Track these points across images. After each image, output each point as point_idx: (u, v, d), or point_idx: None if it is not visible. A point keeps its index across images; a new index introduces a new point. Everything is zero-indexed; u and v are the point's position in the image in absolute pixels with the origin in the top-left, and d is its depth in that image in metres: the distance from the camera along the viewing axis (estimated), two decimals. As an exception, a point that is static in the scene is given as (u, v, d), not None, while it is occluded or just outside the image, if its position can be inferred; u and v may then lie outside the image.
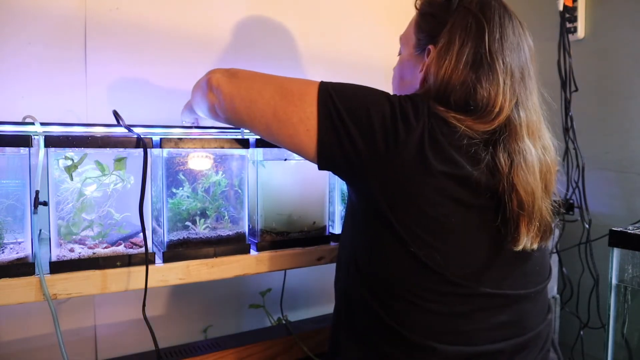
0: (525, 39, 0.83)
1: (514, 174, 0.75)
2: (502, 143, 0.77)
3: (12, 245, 0.85)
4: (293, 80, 0.82)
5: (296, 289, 1.53)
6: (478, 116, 0.77)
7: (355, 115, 0.75)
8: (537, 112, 0.83)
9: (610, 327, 1.20)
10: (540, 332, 0.84)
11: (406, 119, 0.75)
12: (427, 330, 0.76)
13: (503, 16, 0.81)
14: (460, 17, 0.81)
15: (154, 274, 0.90)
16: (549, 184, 0.82)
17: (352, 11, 1.66)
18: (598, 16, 1.53)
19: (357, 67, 1.64)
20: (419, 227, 0.74)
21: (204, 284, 1.37)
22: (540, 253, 0.84)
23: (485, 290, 0.76)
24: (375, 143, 0.74)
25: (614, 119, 1.51)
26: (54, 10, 1.18)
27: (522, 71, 0.81)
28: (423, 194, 0.74)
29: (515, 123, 0.78)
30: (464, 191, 0.75)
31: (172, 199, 0.97)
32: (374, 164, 0.75)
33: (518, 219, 0.76)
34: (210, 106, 0.91)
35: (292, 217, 1.10)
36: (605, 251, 1.21)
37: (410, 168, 0.74)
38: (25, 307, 0.89)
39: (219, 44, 1.40)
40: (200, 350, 1.20)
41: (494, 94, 0.77)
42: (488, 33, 0.79)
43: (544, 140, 0.83)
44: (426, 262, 0.74)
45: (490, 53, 0.78)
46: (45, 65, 1.18)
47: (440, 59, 0.81)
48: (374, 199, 0.77)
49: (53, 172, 0.85)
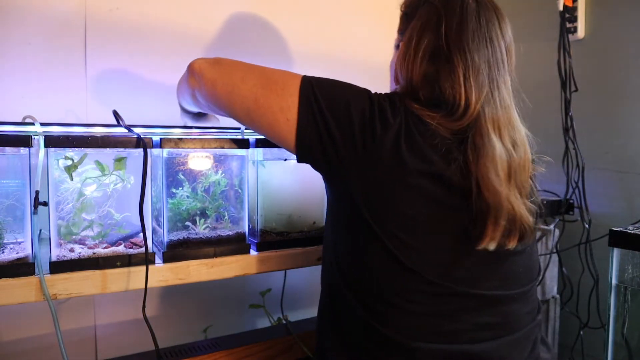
0: (500, 32, 0.81)
1: (478, 170, 0.74)
2: (469, 139, 0.76)
3: (12, 245, 0.85)
4: (276, 70, 0.83)
5: (296, 289, 1.52)
6: (447, 113, 0.77)
7: (335, 109, 0.76)
8: (507, 107, 0.80)
9: (610, 327, 1.20)
10: (527, 334, 0.82)
11: (384, 116, 0.75)
12: (409, 330, 0.75)
13: (467, 9, 0.79)
14: (424, 12, 0.81)
15: (154, 274, 0.90)
16: (522, 182, 0.79)
17: (349, 10, 1.66)
18: (598, 16, 1.53)
19: (355, 66, 1.64)
20: (394, 225, 0.74)
21: (204, 284, 1.36)
22: (524, 254, 0.82)
23: (462, 290, 0.75)
24: (353, 138, 0.75)
25: (614, 119, 1.51)
26: (54, 10, 1.18)
27: (490, 65, 0.78)
28: (398, 191, 0.74)
29: (480, 118, 0.76)
30: (438, 190, 0.74)
31: (172, 199, 0.97)
32: (351, 159, 0.75)
33: (484, 217, 0.74)
34: (191, 92, 0.91)
35: (292, 217, 1.10)
36: (605, 251, 1.21)
37: (386, 165, 0.74)
38: (25, 307, 0.89)
39: (219, 44, 1.40)
40: (200, 350, 1.20)
41: (458, 88, 0.76)
42: (446, 25, 0.78)
43: (515, 137, 0.80)
44: (403, 261, 0.74)
45: (448, 45, 0.77)
46: (45, 65, 1.18)
47: (402, 54, 0.82)
48: (350, 195, 0.77)
49: (53, 172, 0.85)
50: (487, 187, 0.74)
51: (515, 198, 0.77)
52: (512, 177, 0.78)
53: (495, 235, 0.74)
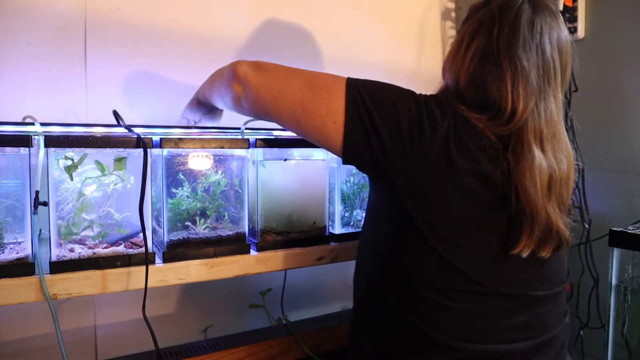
0: (556, 45, 0.79)
1: (517, 178, 0.75)
2: (511, 147, 0.76)
3: (12, 245, 0.85)
4: (319, 73, 0.83)
5: (296, 289, 1.52)
6: (492, 116, 0.77)
7: (382, 110, 0.76)
8: (554, 121, 0.79)
9: (610, 327, 1.20)
10: (557, 335, 0.83)
11: (432, 117, 0.76)
12: (447, 328, 0.76)
13: (521, 15, 0.78)
14: (480, 15, 0.81)
15: (154, 274, 0.90)
16: (562, 197, 0.79)
17: (358, 11, 1.66)
18: (598, 16, 1.53)
19: (363, 67, 1.64)
20: (439, 223, 0.75)
21: (204, 284, 1.36)
22: (557, 257, 0.83)
23: (502, 290, 0.76)
24: (402, 139, 0.75)
25: (614, 119, 1.51)
26: (54, 10, 1.18)
27: (540, 76, 0.77)
28: (446, 190, 0.75)
29: (523, 128, 0.76)
30: (484, 190, 0.75)
31: (172, 199, 0.97)
32: (399, 159, 0.76)
33: (520, 224, 0.75)
34: (235, 97, 0.90)
35: (292, 217, 1.10)
36: (605, 251, 1.21)
37: (434, 165, 0.75)
38: (25, 307, 0.89)
39: (219, 44, 1.40)
40: (200, 350, 1.20)
41: (505, 93, 0.76)
42: (498, 29, 0.78)
43: (558, 152, 0.79)
44: (446, 258, 0.75)
45: (498, 49, 0.77)
46: (45, 66, 1.18)
47: (452, 54, 0.83)
48: (397, 194, 0.77)
49: (53, 172, 0.85)
50: (524, 196, 0.74)
51: (552, 209, 0.77)
52: (553, 190, 0.78)
53: (529, 243, 0.75)
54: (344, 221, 1.20)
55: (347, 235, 1.16)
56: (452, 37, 1.89)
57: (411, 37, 1.79)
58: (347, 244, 1.14)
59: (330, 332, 1.33)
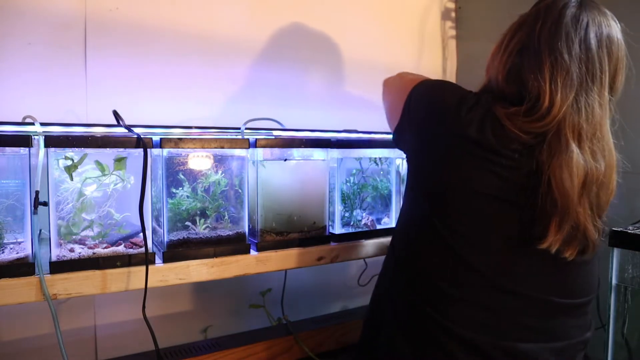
0: (605, 44, 0.77)
1: (551, 170, 0.73)
2: (545, 143, 0.74)
3: (12, 245, 0.85)
4: (408, 79, 0.91)
5: (296, 289, 1.52)
6: (528, 109, 0.75)
7: (422, 104, 0.84)
8: (595, 120, 0.76)
9: (610, 327, 1.20)
10: (573, 345, 0.82)
11: (469, 110, 0.77)
12: (460, 320, 0.76)
13: (566, 11, 0.76)
14: (525, 14, 0.81)
15: (154, 274, 0.90)
16: (598, 199, 0.77)
17: (358, 11, 1.66)
18: (598, 16, 1.53)
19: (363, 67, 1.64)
20: (459, 223, 0.76)
21: (204, 284, 1.37)
22: (585, 266, 0.81)
23: (515, 289, 0.76)
24: (442, 124, 0.79)
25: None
26: (54, 10, 1.18)
27: (582, 71, 0.75)
28: (470, 182, 0.75)
29: (561, 123, 0.74)
30: (504, 186, 0.75)
31: (172, 199, 0.97)
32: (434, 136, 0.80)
33: (548, 217, 0.73)
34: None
35: (292, 217, 1.10)
36: (605, 251, 1.21)
37: (461, 157, 0.76)
38: (25, 307, 0.89)
39: (219, 44, 1.40)
40: (200, 350, 1.20)
41: (543, 85, 0.74)
42: (541, 24, 0.77)
43: (598, 152, 0.77)
44: (460, 253, 0.75)
45: (539, 42, 0.76)
46: (45, 65, 1.18)
47: (495, 50, 0.83)
48: (428, 173, 0.81)
49: (53, 172, 0.85)
50: (558, 187, 0.72)
51: (583, 209, 0.74)
52: (587, 189, 0.75)
53: (557, 238, 0.73)
54: (344, 221, 1.20)
55: (347, 235, 1.16)
56: (452, 37, 1.89)
57: (411, 37, 1.79)
58: (347, 244, 1.14)
59: (330, 332, 1.33)
